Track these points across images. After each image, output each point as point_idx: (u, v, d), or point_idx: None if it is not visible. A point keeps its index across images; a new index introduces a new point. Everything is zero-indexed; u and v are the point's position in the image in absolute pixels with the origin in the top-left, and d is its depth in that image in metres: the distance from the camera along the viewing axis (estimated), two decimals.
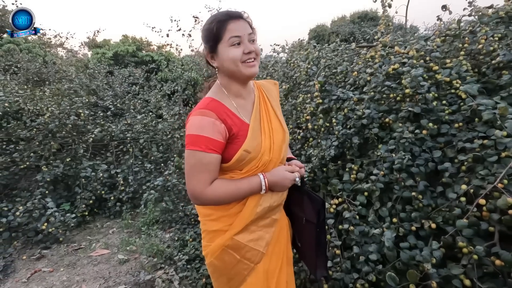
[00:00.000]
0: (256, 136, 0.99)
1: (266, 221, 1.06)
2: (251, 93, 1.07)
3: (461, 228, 1.24)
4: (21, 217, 2.60)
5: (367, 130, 1.92)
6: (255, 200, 1.00)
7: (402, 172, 1.61)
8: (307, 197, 1.11)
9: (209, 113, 0.92)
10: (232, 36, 0.92)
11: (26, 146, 3.23)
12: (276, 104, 1.13)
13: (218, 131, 0.91)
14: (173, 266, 2.10)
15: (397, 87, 1.91)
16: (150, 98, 4.62)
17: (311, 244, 1.12)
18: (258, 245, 1.03)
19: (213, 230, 1.04)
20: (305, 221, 1.11)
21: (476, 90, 1.65)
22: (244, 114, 1.01)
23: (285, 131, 1.08)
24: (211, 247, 1.03)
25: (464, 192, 1.38)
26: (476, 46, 1.93)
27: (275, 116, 1.08)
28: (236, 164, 0.96)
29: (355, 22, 12.68)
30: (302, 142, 2.46)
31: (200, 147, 0.90)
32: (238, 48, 0.93)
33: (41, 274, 2.22)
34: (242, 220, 1.00)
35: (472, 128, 1.59)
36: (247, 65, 0.94)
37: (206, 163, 0.91)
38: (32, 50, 7.80)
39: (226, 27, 0.92)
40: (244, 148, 0.95)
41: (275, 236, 1.09)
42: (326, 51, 2.84)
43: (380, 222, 1.60)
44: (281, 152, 1.04)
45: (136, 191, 3.20)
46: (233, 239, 1.00)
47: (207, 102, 0.96)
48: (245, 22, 0.95)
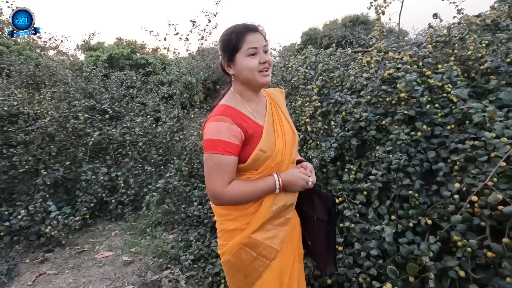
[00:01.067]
0: (270, 136, 1.07)
1: (280, 220, 1.12)
2: (263, 99, 1.16)
3: (456, 223, 1.34)
4: (23, 220, 2.60)
5: (364, 132, 2.01)
6: (271, 199, 1.07)
7: (399, 172, 1.70)
8: (318, 196, 1.18)
9: (225, 118, 1.00)
10: (250, 47, 1.00)
11: (25, 149, 3.22)
12: (285, 110, 1.22)
13: (234, 135, 0.99)
14: (178, 266, 2.15)
15: (393, 91, 2.01)
16: (147, 101, 4.64)
17: (321, 242, 1.19)
18: (274, 242, 1.10)
19: (231, 229, 1.11)
20: (316, 220, 1.18)
21: (466, 94, 1.76)
22: (259, 117, 1.09)
23: (295, 133, 1.17)
24: (229, 246, 1.10)
25: (457, 190, 1.47)
26: (465, 52, 2.05)
27: (285, 120, 1.17)
28: (252, 164, 1.04)
29: (346, 26, 12.91)
30: (301, 144, 2.54)
31: (218, 150, 0.97)
32: (255, 58, 1.01)
33: (46, 277, 2.24)
34: (259, 218, 1.07)
35: (464, 130, 1.69)
36: (262, 74, 1.03)
37: (224, 164, 0.98)
38: (22, 53, 7.70)
39: (244, 39, 1.00)
40: (259, 147, 1.02)
41: (289, 234, 1.16)
42: (323, 56, 2.93)
43: (379, 219, 1.69)
44: (292, 152, 1.13)
45: (137, 193, 3.23)
46: (250, 238, 1.07)
47: (222, 109, 1.03)
48: (261, 35, 1.04)
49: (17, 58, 6.02)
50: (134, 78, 5.44)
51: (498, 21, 2.18)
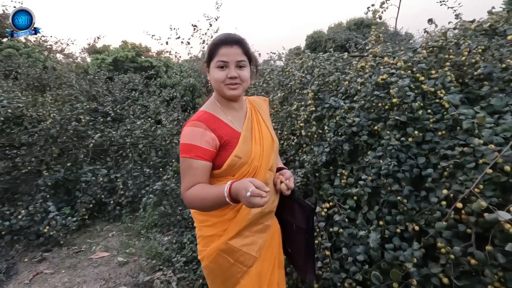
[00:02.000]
0: (247, 142, 1.09)
1: (259, 227, 1.14)
2: (244, 106, 1.18)
3: (440, 230, 1.34)
4: (23, 220, 2.66)
5: (357, 137, 2.02)
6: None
7: (388, 178, 1.70)
8: (298, 204, 1.19)
9: (199, 124, 1.03)
10: (219, 60, 1.03)
11: (28, 151, 3.30)
12: (266, 117, 1.23)
13: (206, 140, 1.01)
14: (171, 267, 2.18)
15: (386, 96, 2.01)
16: (149, 104, 4.71)
17: (300, 250, 1.21)
18: (251, 249, 1.12)
19: (209, 235, 1.12)
20: (295, 227, 1.20)
21: (458, 100, 1.75)
22: (237, 124, 1.12)
23: (274, 140, 1.18)
24: (207, 251, 1.12)
25: (445, 196, 1.47)
26: (460, 58, 2.04)
27: (265, 127, 1.18)
28: (228, 169, 1.05)
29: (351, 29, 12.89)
30: (296, 148, 2.56)
31: (189, 154, 1.00)
32: (223, 71, 1.04)
33: (43, 276, 2.29)
34: (236, 225, 1.08)
35: (454, 136, 1.69)
36: (228, 87, 1.05)
37: (193, 168, 1.01)
38: (31, 55, 7.89)
39: (217, 51, 1.03)
40: (235, 153, 1.04)
41: (268, 241, 1.18)
42: (320, 60, 2.95)
43: (368, 224, 1.69)
44: (269, 159, 1.14)
45: (135, 195, 3.28)
46: (227, 244, 1.08)
47: (199, 114, 1.07)
48: (238, 49, 1.04)
49: (25, 60, 6.16)
50: (137, 81, 5.52)
51: (496, 26, 2.17)
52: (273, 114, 3.02)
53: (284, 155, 2.68)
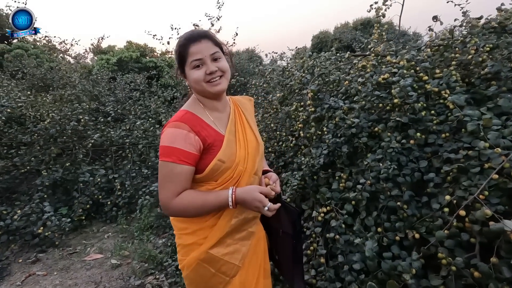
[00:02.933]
0: (231, 146, 1.01)
1: (242, 234, 1.07)
2: (227, 107, 1.11)
3: (440, 239, 1.25)
4: (19, 220, 2.65)
5: (356, 139, 1.94)
6: (230, 212, 1.01)
7: (388, 182, 1.62)
8: (283, 208, 1.12)
9: (182, 125, 0.95)
10: (193, 60, 0.96)
11: (28, 150, 3.30)
12: (251, 118, 1.16)
13: (190, 143, 0.93)
14: (163, 271, 2.12)
15: (387, 96, 1.93)
16: (150, 104, 4.69)
17: (287, 256, 1.14)
18: (234, 258, 1.04)
19: (188, 244, 1.05)
20: (281, 233, 1.13)
21: (463, 100, 1.66)
22: (221, 126, 1.04)
23: (259, 143, 1.11)
24: (187, 261, 1.04)
25: (447, 202, 1.38)
26: (466, 57, 1.95)
27: (250, 129, 1.11)
28: (210, 174, 0.98)
29: (357, 29, 12.74)
30: (295, 150, 2.48)
31: (171, 158, 0.92)
32: (200, 69, 0.97)
33: (35, 277, 2.26)
34: (217, 232, 1.01)
35: (458, 138, 1.60)
36: (211, 84, 0.98)
37: (176, 173, 0.93)
38: (39, 56, 7.98)
39: (187, 51, 0.96)
40: (218, 157, 0.97)
41: (252, 249, 1.11)
42: (321, 60, 2.87)
43: (365, 231, 1.60)
44: (255, 163, 1.06)
45: (132, 196, 3.24)
46: (208, 253, 1.01)
47: (181, 114, 0.99)
48: (208, 42, 0.97)
49: (32, 61, 6.22)
50: (139, 81, 5.51)
51: (506, 23, 2.07)
52: (273, 115, 2.95)
53: (283, 156, 2.61)
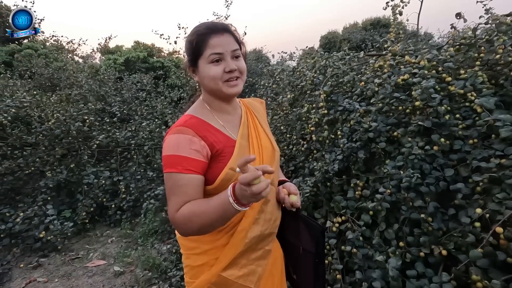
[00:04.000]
0: (244, 153, 0.90)
1: (258, 253, 0.95)
2: (237, 109, 1.00)
3: (475, 259, 1.12)
4: (21, 224, 2.59)
5: (373, 144, 1.81)
6: (244, 229, 0.90)
7: (410, 191, 1.49)
8: (304, 223, 1.00)
9: (186, 130, 0.84)
10: (213, 53, 0.84)
11: (32, 151, 3.26)
12: (264, 122, 1.05)
13: (196, 149, 0.83)
14: (167, 281, 2.03)
15: (407, 98, 1.81)
16: (156, 105, 4.62)
17: (308, 277, 1.01)
18: (250, 281, 0.92)
19: (198, 265, 0.94)
20: (302, 251, 1.00)
21: (493, 103, 1.53)
22: (231, 130, 0.93)
23: (275, 149, 1.00)
24: (196, 284, 0.92)
25: (478, 216, 1.25)
26: (493, 56, 1.81)
27: (264, 134, 1.00)
28: (222, 184, 0.85)
29: (367, 29, 12.53)
30: (306, 154, 2.37)
31: (176, 168, 0.81)
32: (219, 65, 0.85)
33: (35, 284, 2.19)
34: (230, 252, 0.89)
35: (489, 145, 1.47)
36: (228, 85, 0.87)
37: (181, 185, 0.81)
38: (48, 55, 8.03)
39: (207, 42, 0.85)
40: (230, 166, 0.85)
41: (268, 269, 0.99)
42: (333, 59, 2.75)
43: (385, 245, 1.48)
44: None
45: (137, 199, 3.15)
46: (220, 276, 0.89)
47: (185, 119, 0.88)
48: (230, 36, 0.87)
49: (41, 61, 6.22)
50: (145, 82, 5.45)
51: None
52: (283, 117, 2.84)
53: (293, 161, 2.50)
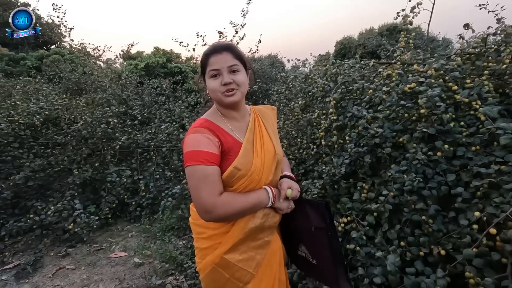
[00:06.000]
0: (248, 154, 1.04)
1: (257, 243, 1.09)
2: (246, 116, 1.15)
3: (468, 257, 1.20)
4: (52, 216, 2.82)
5: (379, 149, 1.90)
6: (245, 219, 1.04)
7: (413, 194, 1.57)
8: (308, 205, 1.13)
9: (203, 130, 1.00)
10: (211, 69, 1.02)
11: (61, 150, 3.52)
12: (271, 128, 1.19)
13: (213, 144, 0.98)
14: (183, 273, 2.18)
15: (413, 106, 1.88)
16: (174, 108, 4.85)
17: (326, 255, 1.10)
18: (248, 265, 1.06)
19: (204, 248, 1.09)
20: (314, 229, 1.11)
21: (497, 112, 1.59)
22: (239, 134, 1.09)
23: (277, 153, 1.13)
24: (203, 264, 1.08)
25: (477, 219, 1.32)
26: (500, 66, 1.86)
27: (268, 138, 1.14)
28: (227, 180, 1.01)
29: (383, 35, 12.44)
30: (316, 158, 2.47)
31: (200, 161, 0.95)
32: (217, 80, 1.02)
33: (64, 271, 2.40)
34: (231, 239, 1.04)
35: (490, 152, 1.53)
36: (225, 95, 1.02)
37: (209, 174, 0.95)
38: (74, 61, 8.51)
39: (208, 61, 1.03)
40: (234, 165, 1.00)
41: (267, 259, 1.12)
42: (344, 67, 2.84)
43: (387, 244, 1.56)
44: (270, 173, 1.09)
45: (155, 197, 3.35)
46: (223, 258, 1.04)
47: (200, 122, 1.05)
48: (228, 55, 1.02)
49: (67, 66, 6.64)
50: (165, 86, 5.71)
51: None
52: (294, 122, 2.95)
53: (303, 164, 2.60)
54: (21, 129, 3.38)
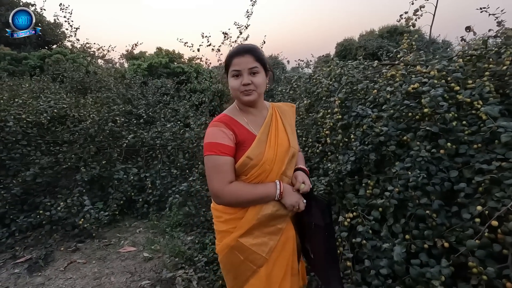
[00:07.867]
0: (260, 146, 1.14)
1: (270, 229, 1.16)
2: (263, 111, 1.24)
3: (471, 248, 1.26)
4: (62, 212, 2.88)
5: (384, 147, 1.96)
6: (257, 207, 1.13)
7: (417, 190, 1.63)
8: (314, 201, 1.20)
9: (219, 123, 1.12)
10: (233, 70, 1.12)
11: (69, 148, 3.58)
12: (289, 124, 1.26)
13: (227, 137, 1.10)
14: (192, 266, 2.24)
15: (416, 106, 1.95)
16: (179, 108, 4.91)
17: (321, 252, 1.18)
18: (261, 250, 1.14)
19: (222, 231, 1.19)
20: (314, 226, 1.18)
21: (497, 111, 1.65)
22: (254, 127, 1.18)
23: (291, 146, 1.20)
24: (220, 246, 1.18)
25: (479, 213, 1.39)
26: (501, 68, 1.93)
27: (284, 132, 1.22)
28: (240, 168, 1.12)
29: (383, 37, 12.53)
30: (321, 156, 2.53)
31: (213, 151, 1.08)
32: (237, 79, 1.12)
33: (76, 264, 2.46)
34: (245, 224, 1.13)
35: (491, 149, 1.59)
36: (243, 94, 1.13)
37: (220, 164, 1.08)
38: (76, 60, 8.56)
39: (231, 61, 1.13)
40: (247, 154, 1.10)
41: (280, 245, 1.18)
42: (348, 68, 2.91)
43: (393, 238, 1.63)
44: (282, 164, 1.16)
45: (162, 194, 3.41)
46: (238, 241, 1.13)
47: (220, 116, 1.17)
48: (250, 57, 1.11)
49: (70, 65, 6.70)
50: (169, 86, 5.77)
51: None
52: (299, 121, 3.02)
53: (308, 162, 2.67)
54: (29, 127, 3.44)
